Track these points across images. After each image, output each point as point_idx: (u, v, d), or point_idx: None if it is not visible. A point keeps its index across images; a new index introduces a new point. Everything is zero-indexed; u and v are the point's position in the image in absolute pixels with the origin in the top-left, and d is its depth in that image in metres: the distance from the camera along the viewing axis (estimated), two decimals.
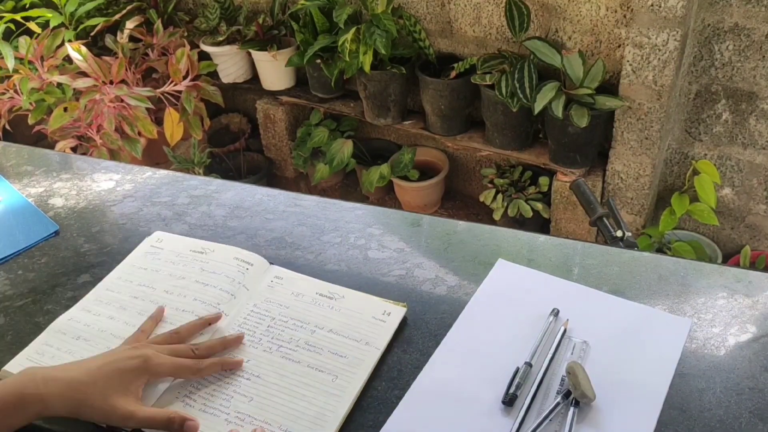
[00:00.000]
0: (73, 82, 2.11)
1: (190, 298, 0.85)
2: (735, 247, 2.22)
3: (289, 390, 0.74)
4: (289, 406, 0.72)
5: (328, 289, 0.85)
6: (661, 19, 1.77)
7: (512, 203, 2.26)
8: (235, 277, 0.88)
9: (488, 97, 2.15)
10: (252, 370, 0.76)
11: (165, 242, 0.96)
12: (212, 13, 2.56)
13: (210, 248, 0.93)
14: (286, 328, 0.81)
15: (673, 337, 0.76)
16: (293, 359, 0.77)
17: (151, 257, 0.93)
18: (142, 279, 0.89)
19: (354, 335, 0.79)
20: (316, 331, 0.80)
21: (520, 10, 2.01)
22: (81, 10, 2.42)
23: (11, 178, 1.12)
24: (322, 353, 0.77)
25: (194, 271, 0.90)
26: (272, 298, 0.85)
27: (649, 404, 0.69)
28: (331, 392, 0.73)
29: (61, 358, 0.78)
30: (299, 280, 0.87)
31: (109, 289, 0.88)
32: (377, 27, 2.14)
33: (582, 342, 0.76)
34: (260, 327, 0.81)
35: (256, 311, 0.84)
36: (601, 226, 1.14)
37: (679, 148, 2.16)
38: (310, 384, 0.74)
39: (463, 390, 0.72)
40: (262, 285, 0.87)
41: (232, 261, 0.90)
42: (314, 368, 0.76)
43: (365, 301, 0.83)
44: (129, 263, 0.93)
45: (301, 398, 0.73)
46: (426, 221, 0.98)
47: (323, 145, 2.56)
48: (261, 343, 0.80)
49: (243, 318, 0.83)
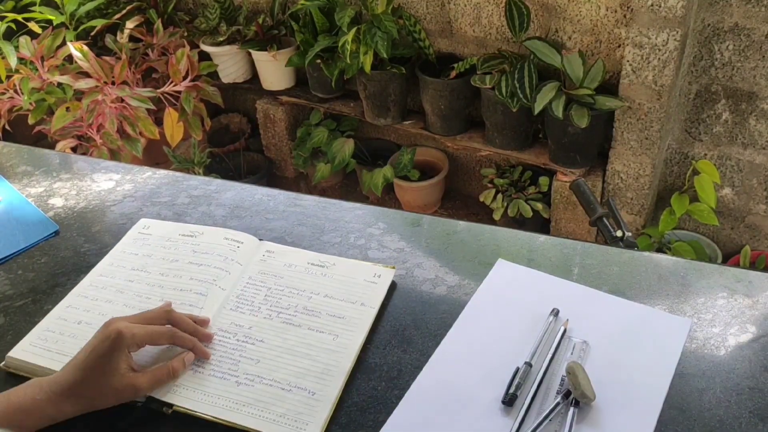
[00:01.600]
0: (75, 83, 2.12)
1: (186, 278, 0.87)
2: (735, 247, 2.22)
3: (293, 351, 0.77)
4: (295, 365, 0.76)
5: (319, 259, 0.89)
6: (661, 19, 1.77)
7: (512, 203, 2.26)
8: (228, 255, 0.90)
9: (488, 97, 2.15)
10: (255, 336, 0.79)
11: (153, 228, 0.97)
12: (212, 13, 2.56)
13: (199, 231, 0.95)
14: (283, 296, 0.84)
15: (673, 337, 0.76)
16: (294, 323, 0.81)
17: (141, 243, 0.95)
18: (135, 264, 0.91)
19: (349, 297, 0.83)
20: (312, 297, 0.84)
21: (520, 10, 2.01)
22: (81, 9, 2.42)
23: (11, 178, 1.12)
24: (320, 316, 0.81)
25: (186, 252, 0.91)
26: (266, 270, 0.88)
27: (649, 404, 0.69)
28: (334, 350, 0.77)
29: (64, 343, 0.79)
30: (290, 252, 0.91)
31: (102, 275, 0.90)
32: (378, 28, 2.14)
33: (582, 342, 0.76)
34: (258, 297, 0.84)
35: (251, 283, 0.87)
36: (601, 226, 1.14)
37: (679, 148, 2.16)
38: (312, 344, 0.78)
39: (463, 390, 0.72)
40: (254, 260, 0.90)
41: (222, 241, 0.93)
42: (315, 330, 0.80)
43: (356, 267, 0.88)
44: (120, 249, 0.94)
45: (305, 357, 0.76)
46: (426, 221, 0.98)
47: (323, 145, 2.56)
48: (260, 311, 0.83)
49: (240, 290, 0.86)
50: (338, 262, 0.89)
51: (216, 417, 0.71)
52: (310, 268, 0.88)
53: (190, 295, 0.84)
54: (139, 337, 0.73)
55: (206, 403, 0.72)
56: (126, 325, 0.72)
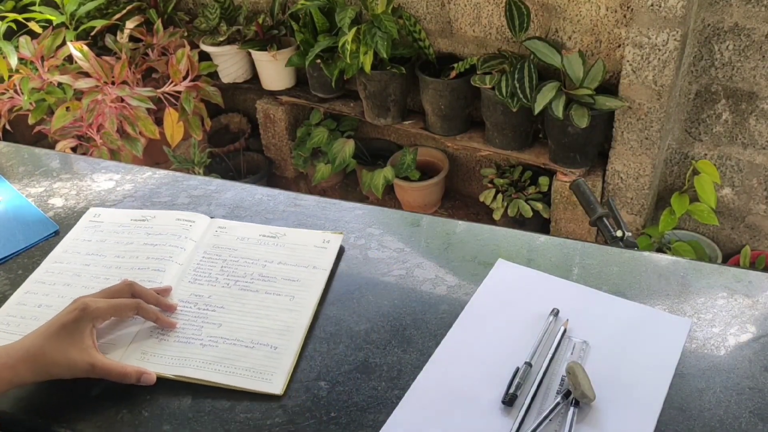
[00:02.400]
0: (75, 83, 2.12)
1: (142, 258, 0.90)
2: (735, 247, 2.22)
3: (252, 313, 0.82)
4: (256, 325, 0.80)
5: (269, 230, 0.94)
6: (661, 19, 1.77)
7: (512, 203, 2.26)
8: (181, 234, 0.93)
9: (488, 97, 2.15)
10: (215, 303, 0.83)
11: (103, 216, 0.99)
12: (212, 13, 2.57)
13: (150, 215, 0.98)
14: (239, 266, 0.88)
15: (673, 337, 0.76)
16: (251, 290, 0.85)
17: (93, 230, 0.96)
18: (90, 249, 0.93)
19: (301, 262, 0.88)
20: (266, 265, 0.88)
21: (520, 10, 2.01)
22: (81, 9, 2.42)
23: (11, 178, 1.12)
24: (276, 281, 0.86)
25: (140, 235, 0.94)
26: (220, 244, 0.91)
27: (649, 404, 0.69)
28: (292, 309, 0.82)
29: (27, 326, 0.80)
30: (241, 227, 0.95)
31: (58, 262, 0.91)
32: (378, 28, 2.14)
33: (582, 342, 0.76)
34: (214, 269, 0.88)
35: (207, 257, 0.90)
36: (601, 226, 1.14)
37: (679, 148, 2.16)
38: (270, 306, 0.82)
39: (463, 390, 0.72)
40: (207, 235, 0.94)
41: (174, 222, 0.95)
42: (272, 293, 0.84)
43: (305, 235, 0.92)
44: (72, 237, 0.96)
45: (265, 317, 0.81)
46: (426, 221, 0.98)
47: (323, 145, 2.56)
48: (218, 281, 0.86)
49: (196, 264, 0.89)
50: (288, 232, 0.93)
51: (184, 376, 0.74)
52: (262, 239, 0.92)
53: (148, 272, 0.87)
54: (104, 310, 0.74)
55: (173, 366, 0.75)
56: (92, 300, 0.74)
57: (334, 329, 0.80)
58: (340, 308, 0.83)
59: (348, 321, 0.81)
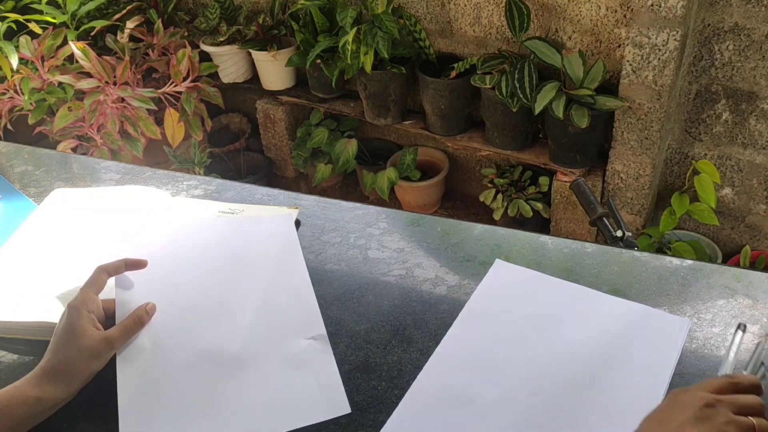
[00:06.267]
0: (76, 83, 2.12)
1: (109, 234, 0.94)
2: (735, 247, 2.22)
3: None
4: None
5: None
6: (661, 19, 1.77)
7: (512, 203, 2.26)
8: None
9: (488, 97, 2.15)
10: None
11: (67, 197, 1.03)
12: (212, 13, 2.57)
13: (114, 191, 1.04)
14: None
15: (673, 337, 0.76)
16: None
17: (55, 213, 1.00)
18: (54, 230, 0.97)
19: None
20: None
21: (520, 10, 2.01)
22: (82, 10, 2.42)
23: (11, 178, 1.12)
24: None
25: (104, 210, 0.99)
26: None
27: (649, 404, 0.69)
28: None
29: None
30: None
31: (21, 244, 0.94)
32: (378, 28, 2.14)
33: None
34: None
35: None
36: (601, 226, 1.14)
37: (679, 148, 2.16)
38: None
39: (463, 390, 0.72)
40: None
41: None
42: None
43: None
44: (33, 220, 0.99)
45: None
46: (426, 221, 0.98)
47: (323, 145, 2.56)
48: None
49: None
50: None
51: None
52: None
53: (116, 246, 0.90)
54: (85, 293, 0.76)
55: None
56: (74, 297, 0.76)
57: (334, 329, 0.80)
58: (340, 308, 0.83)
59: (348, 321, 0.81)
